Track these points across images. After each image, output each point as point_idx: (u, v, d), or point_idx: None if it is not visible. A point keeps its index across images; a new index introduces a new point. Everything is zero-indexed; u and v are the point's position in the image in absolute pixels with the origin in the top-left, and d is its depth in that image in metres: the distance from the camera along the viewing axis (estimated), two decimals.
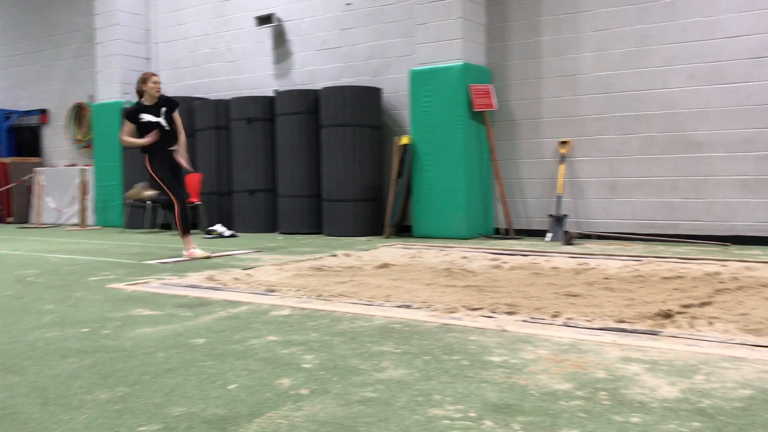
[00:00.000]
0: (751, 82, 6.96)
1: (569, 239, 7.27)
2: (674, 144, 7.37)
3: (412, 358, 2.70)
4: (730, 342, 2.86)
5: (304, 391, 2.28)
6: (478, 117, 8.21)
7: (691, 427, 1.91)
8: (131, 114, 6.56)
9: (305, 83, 9.92)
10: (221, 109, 9.92)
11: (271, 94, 9.90)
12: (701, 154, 7.22)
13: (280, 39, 10.24)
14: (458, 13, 8.01)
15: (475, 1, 8.24)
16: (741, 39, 7.00)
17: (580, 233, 7.70)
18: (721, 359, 2.59)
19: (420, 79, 8.21)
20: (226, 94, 10.66)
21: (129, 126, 6.55)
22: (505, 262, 5.71)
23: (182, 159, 6.58)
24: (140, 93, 6.58)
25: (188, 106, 10.26)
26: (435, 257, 6.17)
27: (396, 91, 9.04)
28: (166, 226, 10.16)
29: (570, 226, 7.81)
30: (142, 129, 6.48)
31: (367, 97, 8.72)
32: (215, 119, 9.93)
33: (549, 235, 7.66)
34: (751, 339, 2.90)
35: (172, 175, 6.55)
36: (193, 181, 9.68)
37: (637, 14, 7.55)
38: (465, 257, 6.14)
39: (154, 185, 6.89)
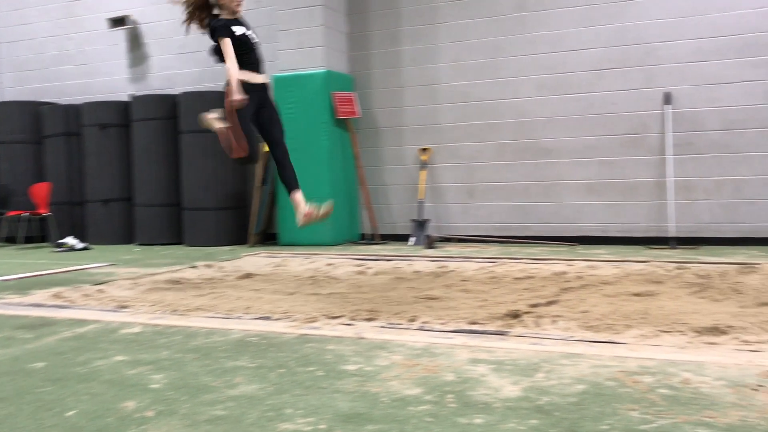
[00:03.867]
0: (593, 92, 7.46)
1: (431, 243, 7.47)
2: (525, 150, 7.77)
3: (266, 371, 2.66)
4: (570, 339, 3.04)
5: (149, 414, 2.19)
6: (342, 124, 8.27)
7: (529, 425, 2.00)
8: (223, 28, 4.66)
9: (163, 88, 9.58)
10: (72, 114, 9.38)
11: (126, 98, 9.47)
12: (550, 160, 7.65)
13: (135, 42, 9.83)
14: (320, 20, 8.03)
15: (337, 9, 8.30)
16: (583, 52, 7.49)
17: (440, 237, 7.93)
18: (560, 356, 2.74)
19: (283, 86, 8.15)
20: (78, 99, 10.09)
21: (230, 45, 4.62)
22: (369, 268, 5.78)
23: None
24: (219, 6, 4.81)
25: (35, 111, 9.62)
26: (300, 265, 6.14)
27: None
28: (11, 240, 9.45)
29: (432, 230, 8.02)
30: (237, 46, 4.67)
31: None
32: (65, 125, 9.37)
33: (412, 240, 7.84)
34: (589, 335, 3.10)
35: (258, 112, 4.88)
36: (41, 190, 9.08)
37: (489, 27, 7.89)
38: (330, 264, 6.15)
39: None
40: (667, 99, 7.10)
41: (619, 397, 2.22)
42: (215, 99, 8.42)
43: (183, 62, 9.49)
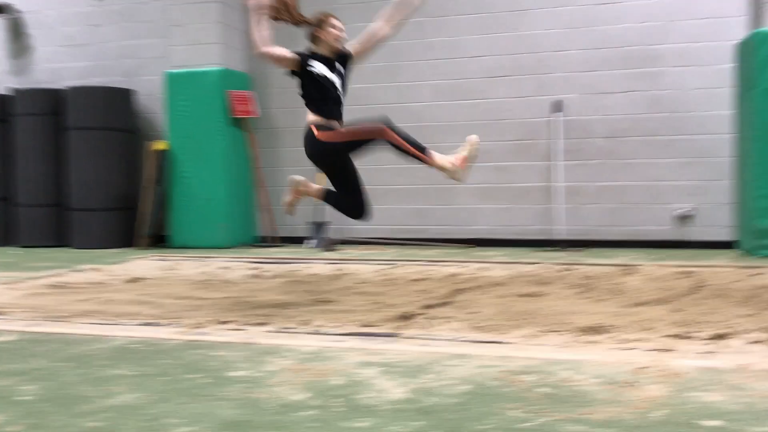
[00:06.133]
0: (488, 99, 7.66)
1: (329, 245, 7.45)
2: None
3: (149, 379, 2.56)
4: (459, 340, 3.09)
5: (17, 428, 2.06)
6: (239, 124, 8.11)
7: (414, 427, 2.02)
8: (302, 54, 4.20)
9: (48, 82, 9.08)
10: None
11: (6, 92, 8.92)
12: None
13: (16, 32, 9.28)
14: (215, 17, 7.86)
15: (234, 6, 8.14)
16: (479, 59, 7.67)
17: (339, 239, 7.93)
18: (448, 357, 2.79)
19: (177, 83, 7.91)
20: None
21: (288, 57, 4.19)
22: (264, 271, 5.69)
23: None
24: (312, 39, 4.28)
25: None
26: (193, 269, 5.97)
27: (151, 94, 8.62)
28: None
29: (331, 232, 8.00)
30: (310, 82, 4.14)
31: (119, 99, 8.22)
32: None
33: (310, 242, 7.79)
34: (477, 336, 3.17)
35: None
36: None
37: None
38: (224, 267, 6.01)
39: (333, 158, 4.28)
40: (557, 107, 7.38)
41: (502, 396, 2.28)
42: (104, 95, 8.10)
43: (70, 55, 9.04)
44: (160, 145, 7.97)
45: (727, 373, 2.50)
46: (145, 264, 6.35)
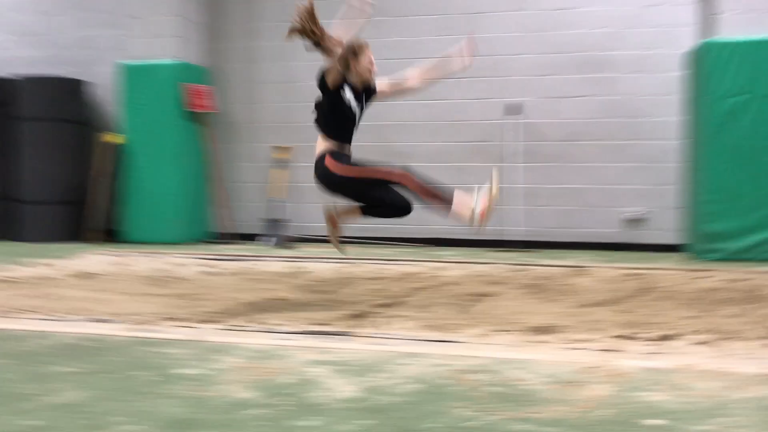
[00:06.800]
0: (445, 100, 7.70)
1: (285, 243, 7.40)
2: (381, 154, 7.87)
3: (95, 377, 2.51)
4: (411, 339, 3.11)
5: None
6: (197, 118, 8.00)
7: (364, 425, 2.02)
8: (340, 80, 4.00)
9: None
10: None
11: None
12: (407, 163, 7.79)
13: None
14: (174, 9, 7.73)
15: None
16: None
17: (296, 237, 7.88)
18: (400, 356, 2.80)
19: (133, 75, 7.76)
20: None
21: (334, 76, 3.97)
22: (218, 268, 5.63)
23: None
24: (345, 65, 4.01)
25: None
26: (146, 264, 5.87)
27: (106, 86, 8.44)
28: None
29: (290, 230, 7.95)
30: (335, 106, 4.04)
31: (71, 90, 8.03)
32: None
33: (266, 239, 7.73)
34: (430, 335, 3.19)
35: None
36: None
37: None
38: (178, 263, 5.92)
39: (350, 188, 4.10)
40: (514, 109, 7.46)
41: (452, 395, 2.30)
42: (56, 86, 7.92)
43: (19, 44, 8.78)
44: (114, 138, 7.82)
45: (670, 373, 2.56)
46: (96, 259, 6.22)
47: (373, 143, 7.90)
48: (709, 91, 6.01)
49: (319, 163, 4.01)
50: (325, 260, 6.14)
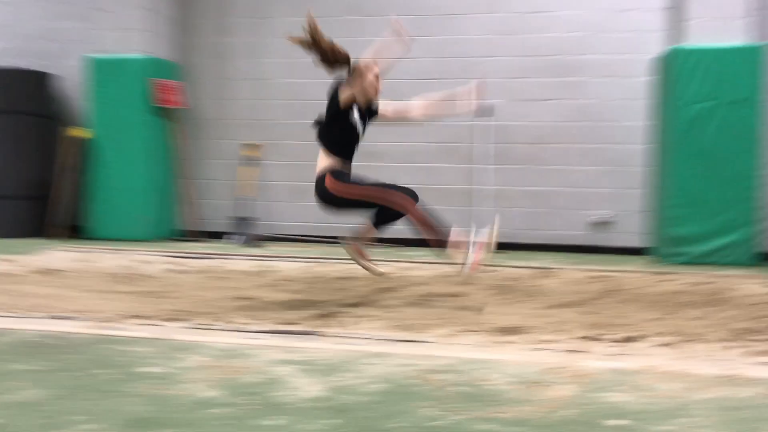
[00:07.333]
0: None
1: (253, 241, 7.35)
2: (356, 153, 7.85)
3: (55, 375, 2.46)
4: (378, 338, 3.10)
5: None
6: (165, 114, 7.91)
7: (328, 425, 2.01)
8: (353, 100, 4.09)
9: None
10: None
11: None
12: (381, 163, 7.78)
13: None
14: (144, 3, 7.62)
15: None
16: (407, 60, 7.68)
17: (264, 235, 7.83)
18: (367, 356, 2.79)
19: (101, 69, 7.64)
20: None
21: (348, 96, 4.04)
22: (184, 266, 5.57)
23: None
24: (352, 81, 4.10)
25: None
26: (111, 261, 5.78)
27: (74, 80, 8.30)
28: None
29: (259, 228, 7.90)
30: (343, 125, 4.11)
31: (37, 83, 7.88)
32: None
33: (234, 238, 7.67)
34: (397, 335, 3.19)
35: None
36: None
37: (321, 27, 7.88)
38: (143, 261, 5.85)
39: (350, 205, 4.09)
40: (485, 111, 7.50)
41: (417, 395, 2.30)
42: (18, 78, 7.79)
43: None
44: (80, 133, 7.70)
45: (634, 374, 2.59)
46: (60, 255, 6.10)
47: None
48: (675, 96, 6.11)
49: (320, 182, 4.02)
50: (294, 259, 6.11)
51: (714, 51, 6.04)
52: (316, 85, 7.92)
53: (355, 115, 4.07)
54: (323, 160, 4.07)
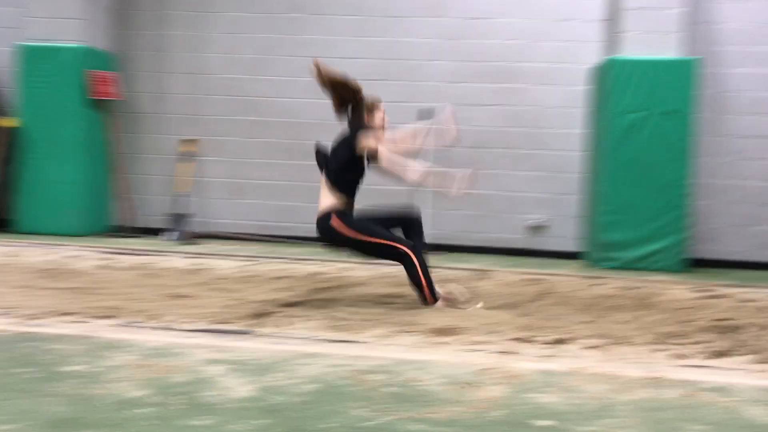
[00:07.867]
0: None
1: (189, 238, 7.21)
2: (293, 151, 7.79)
3: None
4: (311, 339, 3.08)
5: None
6: (100, 106, 7.68)
7: (257, 425, 1.98)
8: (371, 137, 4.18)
9: None
10: None
11: None
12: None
13: None
14: None
15: None
16: (352, 61, 7.69)
17: (200, 233, 7.69)
18: (300, 356, 2.77)
19: (32, 57, 7.37)
20: None
21: (371, 148, 4.16)
22: (116, 262, 5.43)
23: None
24: (359, 118, 4.38)
25: None
26: (38, 256, 5.58)
27: (3, 67, 7.98)
28: None
29: (194, 225, 7.75)
30: (355, 166, 4.22)
31: None
32: None
33: (168, 234, 7.50)
34: (331, 335, 3.17)
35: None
36: None
37: (263, 23, 7.81)
38: (73, 256, 5.67)
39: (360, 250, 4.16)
40: (426, 114, 7.55)
41: (349, 395, 2.29)
42: None
43: None
44: (8, 122, 7.41)
45: (562, 376, 2.64)
46: None
47: (283, 140, 7.84)
48: (610, 106, 6.28)
49: (325, 221, 4.07)
50: (229, 257, 6.02)
51: (648, 63, 6.23)
52: (253, 82, 7.84)
53: (365, 159, 4.22)
54: (327, 198, 4.13)
